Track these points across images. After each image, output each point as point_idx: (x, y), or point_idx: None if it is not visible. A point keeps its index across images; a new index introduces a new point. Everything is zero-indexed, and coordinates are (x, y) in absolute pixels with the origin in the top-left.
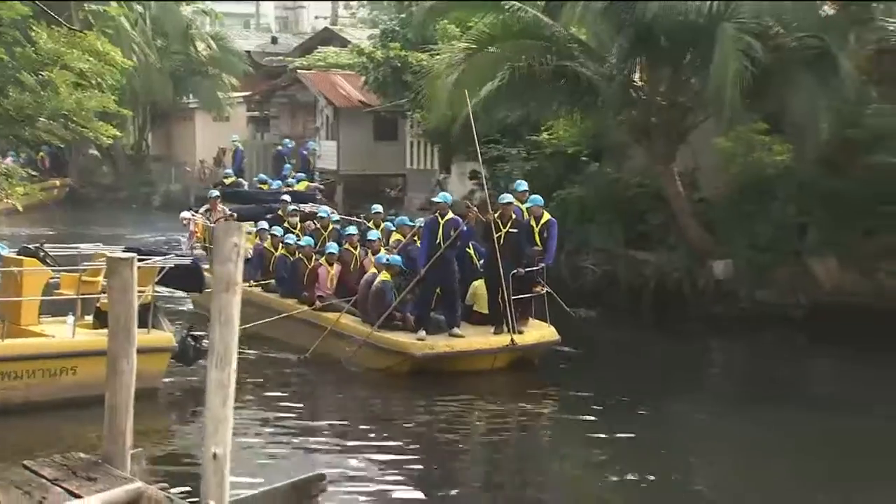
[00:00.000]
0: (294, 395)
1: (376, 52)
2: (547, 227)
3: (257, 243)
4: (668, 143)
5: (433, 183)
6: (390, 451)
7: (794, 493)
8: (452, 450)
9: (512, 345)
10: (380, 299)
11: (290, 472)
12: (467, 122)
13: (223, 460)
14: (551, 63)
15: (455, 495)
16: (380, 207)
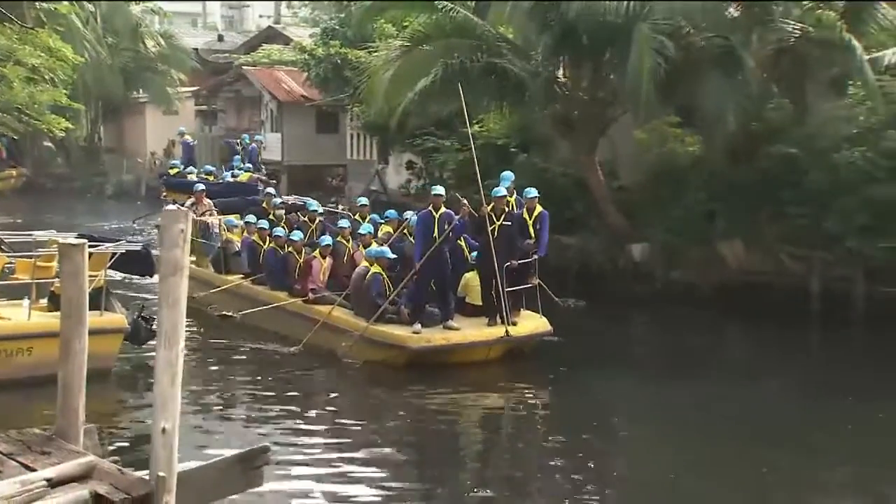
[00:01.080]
0: (285, 386)
1: (317, 50)
2: (540, 219)
3: (245, 237)
4: (590, 136)
5: (372, 173)
6: (383, 445)
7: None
8: (440, 442)
9: (507, 336)
10: (371, 292)
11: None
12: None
13: (172, 434)
14: (481, 60)
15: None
16: (366, 200)
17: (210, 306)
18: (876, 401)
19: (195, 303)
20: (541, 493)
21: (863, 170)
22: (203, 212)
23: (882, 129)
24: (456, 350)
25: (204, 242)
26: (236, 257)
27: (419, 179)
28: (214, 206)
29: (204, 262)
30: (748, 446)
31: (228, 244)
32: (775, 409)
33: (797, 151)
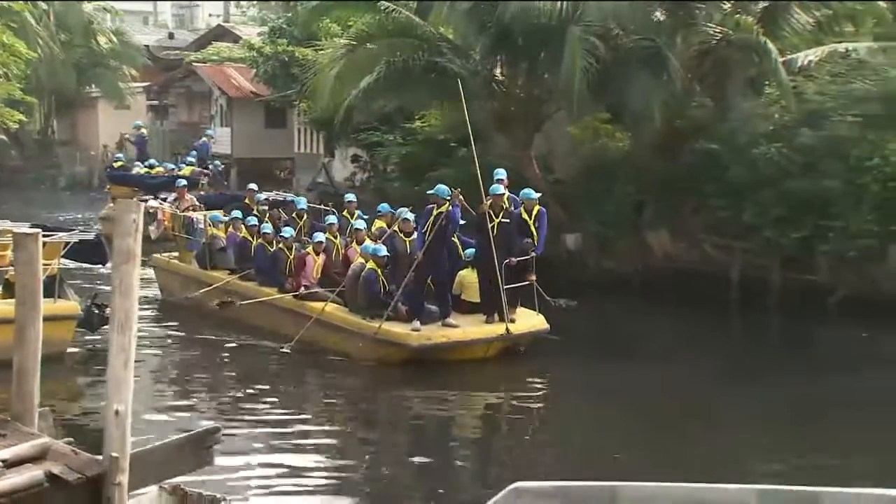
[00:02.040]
0: (276, 383)
1: (265, 48)
2: (538, 217)
3: (232, 233)
4: (526, 131)
5: (319, 166)
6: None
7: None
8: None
9: (506, 334)
10: (367, 289)
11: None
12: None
13: (124, 416)
14: (423, 59)
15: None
16: (353, 196)
17: (211, 301)
18: (788, 379)
19: (190, 301)
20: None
21: (778, 165)
22: (185, 207)
23: (796, 126)
24: (456, 348)
25: (188, 238)
26: (222, 253)
27: (364, 172)
28: (197, 202)
29: (188, 257)
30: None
31: (214, 240)
32: (699, 389)
33: (718, 147)
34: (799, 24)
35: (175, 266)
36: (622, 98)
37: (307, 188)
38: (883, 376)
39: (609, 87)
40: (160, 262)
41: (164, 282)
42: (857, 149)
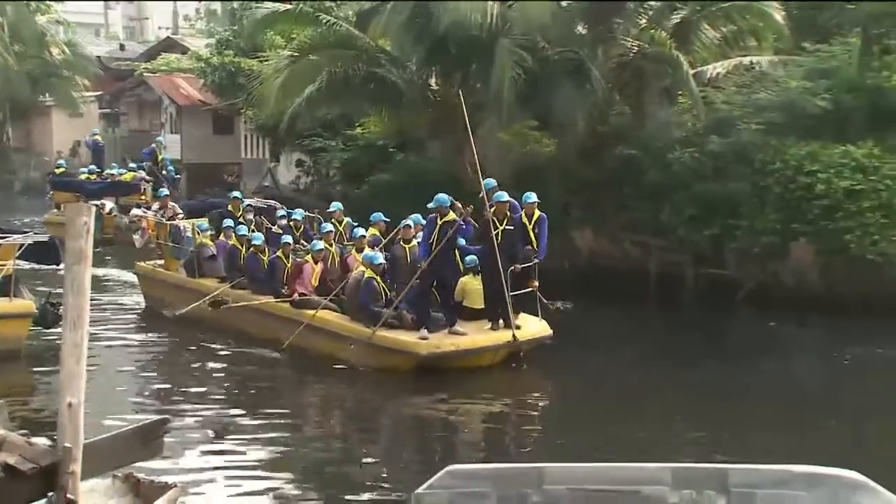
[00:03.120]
0: (273, 388)
1: (213, 59)
2: (539, 223)
3: (222, 241)
4: (460, 137)
5: (265, 170)
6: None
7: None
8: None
9: (514, 341)
10: (364, 297)
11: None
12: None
13: (77, 409)
14: (363, 69)
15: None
16: (339, 205)
17: (203, 303)
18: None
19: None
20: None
21: (691, 169)
22: (170, 216)
23: (706, 133)
24: (465, 356)
25: (174, 246)
26: (210, 261)
27: (308, 176)
28: (179, 210)
29: (174, 265)
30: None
31: (202, 248)
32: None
33: (637, 152)
34: (707, 39)
35: (161, 274)
36: (549, 106)
37: (253, 191)
38: (788, 361)
39: (536, 96)
40: (145, 270)
41: (149, 290)
42: (761, 154)
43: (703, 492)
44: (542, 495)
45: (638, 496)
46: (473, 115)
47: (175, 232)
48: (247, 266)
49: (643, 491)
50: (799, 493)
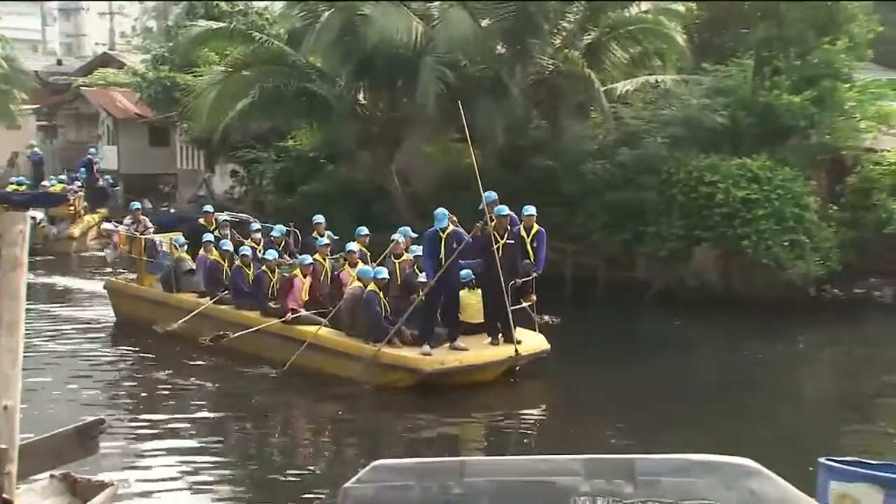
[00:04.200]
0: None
1: (149, 73)
2: (537, 237)
3: (202, 255)
4: (387, 149)
5: (200, 180)
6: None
7: None
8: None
9: (516, 356)
10: (369, 311)
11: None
12: (226, 129)
13: (13, 411)
14: (294, 84)
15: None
16: (321, 218)
17: (204, 339)
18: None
19: (171, 332)
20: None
21: (603, 179)
22: (143, 230)
23: (616, 146)
24: (468, 371)
25: (150, 261)
26: (188, 276)
27: (242, 186)
28: (150, 224)
29: (149, 280)
30: None
31: (180, 263)
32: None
33: (553, 163)
34: (617, 59)
35: (135, 289)
36: (470, 120)
37: (188, 201)
38: (694, 355)
39: (458, 110)
40: (116, 285)
41: (121, 305)
42: (666, 165)
43: (613, 481)
44: (463, 487)
45: (552, 486)
46: (399, 127)
47: (150, 246)
48: (232, 280)
49: (557, 481)
50: (698, 480)
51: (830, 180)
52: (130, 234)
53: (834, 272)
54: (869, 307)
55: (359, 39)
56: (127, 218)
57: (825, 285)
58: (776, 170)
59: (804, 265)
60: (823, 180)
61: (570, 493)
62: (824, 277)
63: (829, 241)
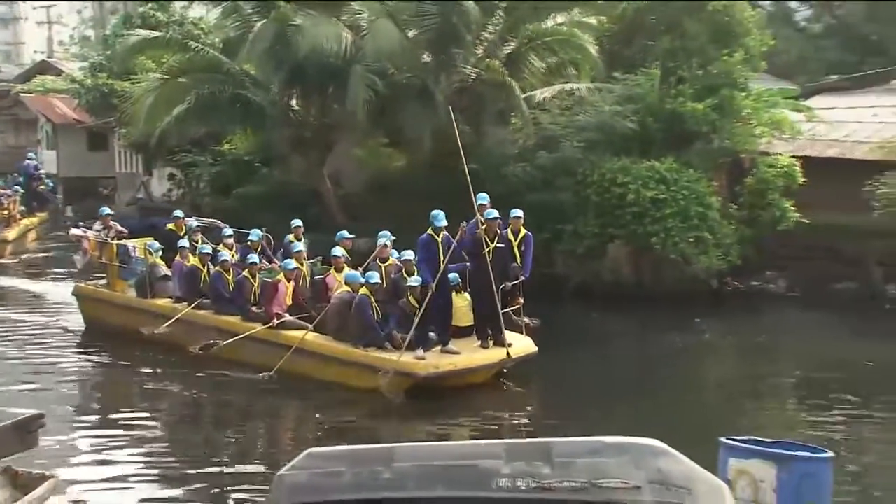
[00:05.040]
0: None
1: (87, 80)
2: (525, 241)
3: (178, 261)
4: (319, 153)
5: (138, 183)
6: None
7: None
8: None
9: (508, 358)
10: (362, 316)
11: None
12: (163, 134)
13: None
14: (229, 91)
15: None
16: (299, 222)
17: (193, 348)
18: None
19: (157, 337)
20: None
21: (524, 180)
22: (113, 235)
23: (535, 149)
24: (462, 375)
25: (122, 267)
26: (162, 282)
27: (179, 188)
28: (122, 229)
29: (121, 286)
30: None
31: (154, 268)
32: None
33: (477, 166)
34: (535, 68)
35: (108, 295)
36: (398, 125)
37: (127, 203)
38: (610, 346)
39: (387, 116)
40: (86, 291)
41: (92, 311)
42: (581, 168)
43: (532, 463)
44: (392, 472)
45: (476, 469)
46: (331, 133)
47: (123, 252)
48: (212, 286)
49: (480, 464)
50: (610, 460)
51: (730, 181)
52: (101, 239)
53: (734, 266)
54: (765, 298)
55: (291, 49)
56: (97, 223)
57: (726, 278)
58: (682, 172)
59: (707, 260)
60: (724, 181)
61: (492, 475)
62: (725, 271)
63: (730, 238)
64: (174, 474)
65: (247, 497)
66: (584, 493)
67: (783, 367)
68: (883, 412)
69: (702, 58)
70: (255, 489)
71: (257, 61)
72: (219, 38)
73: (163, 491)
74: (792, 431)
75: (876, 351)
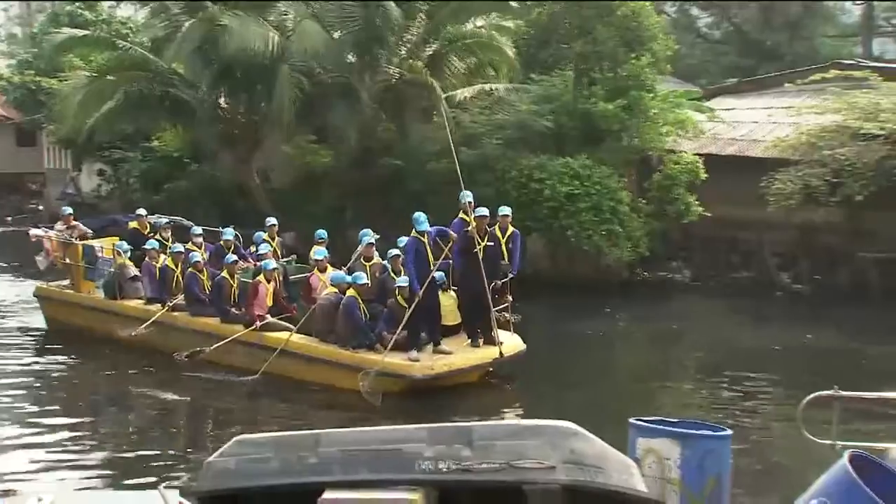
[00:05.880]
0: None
1: (14, 77)
2: (512, 238)
3: (147, 262)
4: (247, 149)
5: (67, 179)
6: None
7: None
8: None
9: (501, 357)
10: (349, 318)
11: None
12: (92, 131)
13: None
14: (157, 89)
15: None
16: (274, 220)
17: (179, 355)
18: None
19: (134, 339)
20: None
21: (446, 176)
22: (77, 235)
23: (457, 146)
24: (457, 375)
25: (88, 268)
26: (131, 283)
27: (109, 184)
28: (85, 228)
29: (87, 287)
30: None
31: (123, 269)
32: None
33: (401, 163)
34: (456, 69)
35: (73, 297)
36: (325, 123)
37: (56, 198)
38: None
39: (314, 114)
40: (49, 292)
41: (56, 313)
42: (500, 164)
43: (453, 446)
44: (318, 457)
45: (399, 453)
46: (259, 130)
47: (89, 252)
48: (186, 287)
49: (404, 448)
50: (527, 442)
51: (639, 177)
52: (65, 239)
53: (643, 257)
54: (671, 287)
55: (219, 48)
56: (58, 223)
57: (636, 269)
58: (594, 168)
59: (618, 252)
60: (633, 177)
61: (415, 458)
62: (635, 262)
63: (639, 231)
64: (115, 463)
65: (181, 484)
66: (502, 473)
67: (688, 352)
68: (778, 391)
69: (612, 61)
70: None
71: (186, 60)
72: (147, 37)
73: (100, 479)
74: (695, 411)
75: (771, 335)
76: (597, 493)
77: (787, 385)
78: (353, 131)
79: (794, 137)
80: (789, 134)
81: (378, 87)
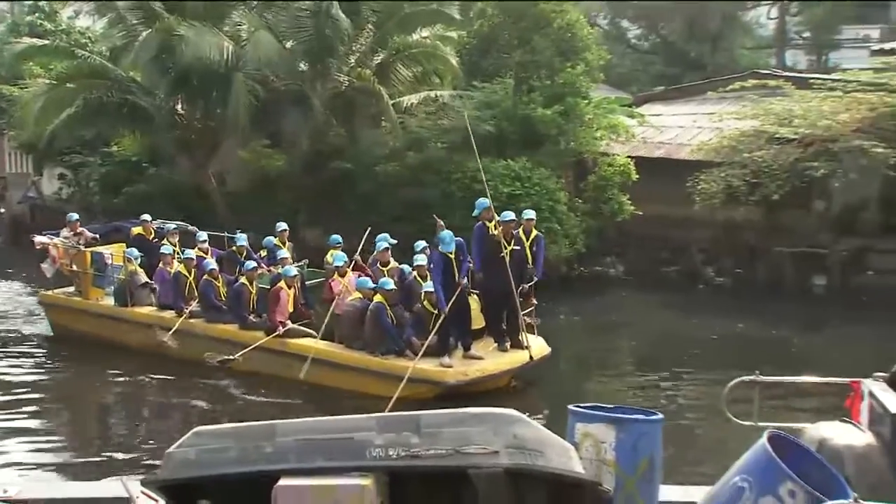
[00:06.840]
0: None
1: None
2: (536, 241)
3: (161, 268)
4: (204, 154)
5: (29, 183)
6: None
7: None
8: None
9: (531, 361)
10: (380, 324)
11: None
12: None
13: None
14: (116, 96)
15: None
16: (285, 224)
17: (212, 359)
18: None
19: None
20: None
21: (394, 178)
22: (87, 242)
23: (404, 150)
24: (489, 380)
25: (97, 275)
26: (142, 290)
27: (70, 188)
28: (91, 235)
29: (96, 294)
30: None
31: (133, 276)
32: None
33: (351, 166)
34: (402, 76)
35: (80, 304)
36: (279, 128)
37: (18, 202)
38: None
39: (268, 119)
40: (55, 300)
41: (62, 319)
42: (446, 166)
43: (402, 433)
44: (275, 446)
45: (351, 441)
46: (215, 135)
47: (98, 259)
48: (202, 294)
49: (355, 437)
50: (472, 429)
51: (576, 178)
52: (72, 246)
53: (580, 253)
54: (606, 282)
55: (175, 57)
56: (64, 230)
57: (574, 265)
58: (534, 170)
59: (557, 249)
60: (571, 178)
61: (366, 446)
62: (573, 258)
63: (576, 229)
64: (101, 464)
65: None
66: (449, 458)
67: (622, 342)
68: (706, 377)
69: (549, 70)
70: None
71: (143, 68)
72: (105, 46)
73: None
74: (631, 398)
75: (697, 324)
76: (538, 476)
77: (715, 372)
78: (305, 136)
79: (716, 141)
80: (712, 138)
81: (329, 94)
